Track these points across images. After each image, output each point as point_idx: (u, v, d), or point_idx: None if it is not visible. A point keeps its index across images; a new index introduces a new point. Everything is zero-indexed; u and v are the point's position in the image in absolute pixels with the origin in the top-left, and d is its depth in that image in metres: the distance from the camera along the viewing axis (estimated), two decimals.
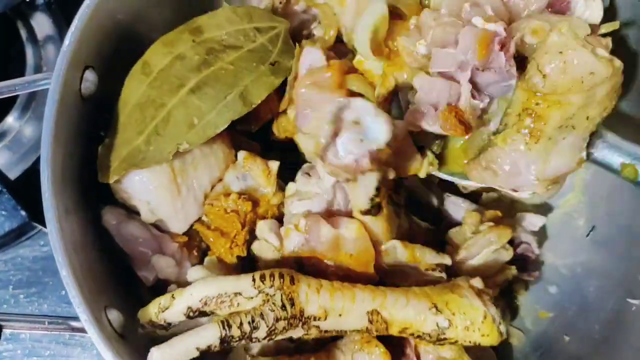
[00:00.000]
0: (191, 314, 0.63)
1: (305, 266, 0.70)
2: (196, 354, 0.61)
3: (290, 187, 0.74)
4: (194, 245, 0.78)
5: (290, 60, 0.75)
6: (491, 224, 0.77)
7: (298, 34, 0.85)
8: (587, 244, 0.85)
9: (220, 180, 0.77)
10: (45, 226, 0.88)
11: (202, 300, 0.62)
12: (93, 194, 0.74)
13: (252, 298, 0.62)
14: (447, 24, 0.66)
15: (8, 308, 0.95)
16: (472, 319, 0.65)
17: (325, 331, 0.65)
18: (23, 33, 1.07)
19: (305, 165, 0.75)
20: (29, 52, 1.07)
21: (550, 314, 0.85)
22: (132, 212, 0.75)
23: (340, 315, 0.64)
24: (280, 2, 0.83)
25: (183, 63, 0.71)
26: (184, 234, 0.77)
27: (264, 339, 0.63)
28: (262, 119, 0.81)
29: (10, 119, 1.04)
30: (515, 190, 0.70)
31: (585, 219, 0.87)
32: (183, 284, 0.73)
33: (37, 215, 0.90)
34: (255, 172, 0.76)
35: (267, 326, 0.62)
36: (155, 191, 0.72)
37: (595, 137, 0.66)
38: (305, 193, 0.71)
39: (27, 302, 0.96)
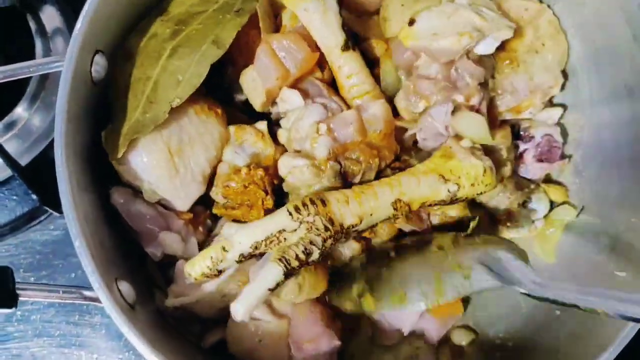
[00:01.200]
0: (242, 259, 0.69)
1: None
2: (268, 294, 0.67)
3: (282, 129, 0.80)
4: (200, 222, 0.80)
5: (253, 2, 0.78)
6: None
7: None
8: (578, 224, 0.88)
9: (220, 161, 0.80)
10: (55, 209, 0.92)
11: (252, 245, 0.68)
12: (102, 174, 0.77)
13: (295, 230, 0.69)
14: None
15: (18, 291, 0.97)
16: (475, 175, 0.76)
17: (362, 230, 0.75)
18: (32, 25, 1.09)
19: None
20: (38, 44, 1.09)
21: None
22: (138, 192, 0.77)
23: (371, 214, 0.73)
24: None
25: (156, 39, 0.75)
26: (189, 211, 0.79)
27: (319, 258, 0.70)
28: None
29: (20, 109, 1.05)
30: (519, 111, 0.86)
31: (578, 200, 0.90)
32: (189, 258, 0.76)
33: (47, 199, 0.92)
34: (251, 140, 0.79)
35: (319, 249, 0.69)
36: (153, 171, 0.75)
37: None
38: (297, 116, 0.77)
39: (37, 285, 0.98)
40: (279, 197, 0.79)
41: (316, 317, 0.76)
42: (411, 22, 0.80)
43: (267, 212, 0.76)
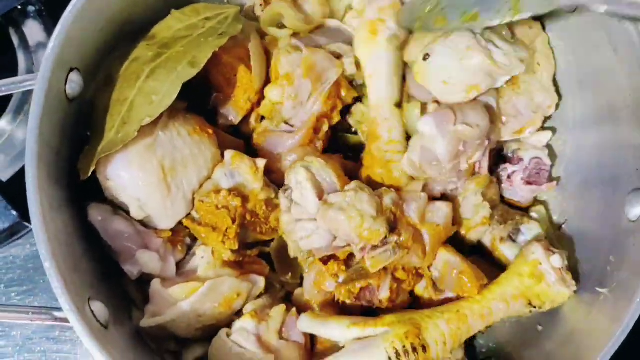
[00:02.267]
0: None
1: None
2: None
3: (286, 214, 0.79)
4: (179, 240, 0.80)
5: (238, 26, 0.79)
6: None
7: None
8: (561, 238, 0.87)
9: (209, 178, 0.79)
10: None
11: None
12: (80, 191, 0.76)
13: None
14: None
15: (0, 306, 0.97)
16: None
17: None
18: (15, 40, 1.08)
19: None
20: (21, 58, 1.08)
21: None
22: (117, 209, 0.77)
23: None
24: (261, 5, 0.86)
25: (137, 62, 0.75)
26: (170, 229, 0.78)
27: None
28: (242, 109, 0.84)
29: (3, 122, 1.04)
30: (521, 132, 0.87)
31: (558, 215, 0.89)
32: (166, 278, 0.76)
33: (28, 215, 0.91)
34: (243, 170, 0.78)
35: None
36: (145, 189, 0.74)
37: None
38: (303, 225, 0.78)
39: (18, 300, 0.97)
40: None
41: None
42: (425, 57, 0.81)
43: (226, 240, 0.76)
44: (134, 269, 0.76)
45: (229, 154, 0.79)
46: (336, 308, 0.81)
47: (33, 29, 1.10)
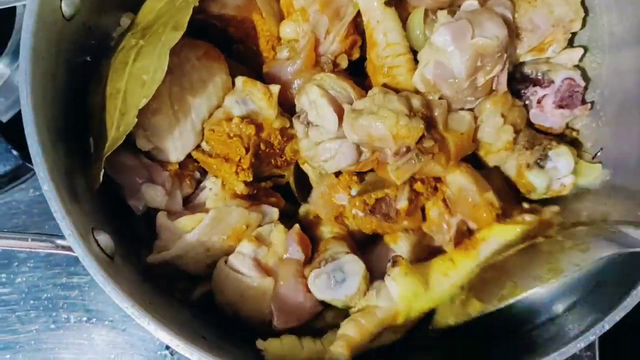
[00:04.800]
0: None
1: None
2: None
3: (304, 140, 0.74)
4: (187, 174, 0.76)
5: None
6: None
7: None
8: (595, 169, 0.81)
9: (219, 107, 0.74)
10: None
11: None
12: (81, 122, 0.71)
13: None
14: None
15: (4, 252, 0.93)
16: None
17: None
18: None
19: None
20: None
21: None
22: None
23: None
24: None
25: (124, 51, 0.70)
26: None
27: None
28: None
29: (1, 65, 1.00)
30: (542, 49, 0.81)
31: (592, 143, 0.83)
32: (172, 212, 0.73)
33: (29, 155, 0.86)
34: (256, 96, 0.73)
35: None
36: (151, 118, 0.70)
37: None
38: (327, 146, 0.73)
39: None
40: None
41: (302, 280, 0.71)
42: None
43: (240, 171, 0.72)
44: (139, 204, 0.73)
45: (240, 80, 0.74)
46: (344, 226, 0.78)
47: None
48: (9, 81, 1.00)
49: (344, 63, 0.80)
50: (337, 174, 0.76)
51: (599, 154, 0.81)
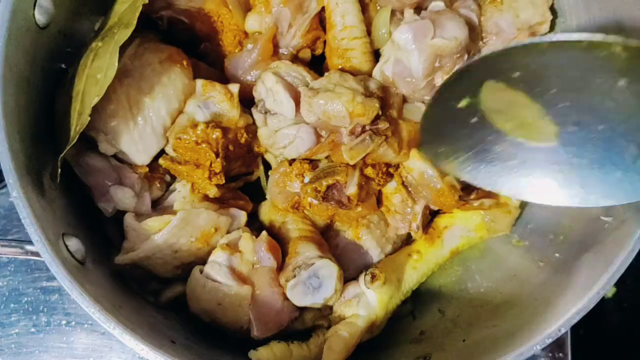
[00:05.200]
0: None
1: None
2: None
3: (264, 129, 0.74)
4: (157, 177, 0.77)
5: None
6: None
7: None
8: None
9: (181, 112, 0.75)
10: None
11: None
12: (52, 128, 0.72)
13: None
14: None
15: None
16: None
17: None
18: None
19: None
20: None
21: (525, 243, 0.82)
22: (92, 144, 0.73)
23: None
24: None
25: (86, 54, 0.71)
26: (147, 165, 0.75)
27: None
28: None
29: None
30: None
31: None
32: (140, 213, 0.74)
33: None
34: (217, 98, 0.74)
35: None
36: (109, 121, 0.71)
37: None
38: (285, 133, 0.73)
39: (2, 249, 0.94)
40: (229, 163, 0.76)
41: (277, 288, 0.72)
42: None
43: (213, 175, 0.72)
44: (108, 206, 0.74)
45: (199, 83, 0.75)
46: (301, 216, 0.79)
47: None
48: None
49: (306, 57, 0.81)
50: (291, 162, 0.77)
51: None
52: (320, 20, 0.80)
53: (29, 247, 0.62)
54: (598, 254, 0.67)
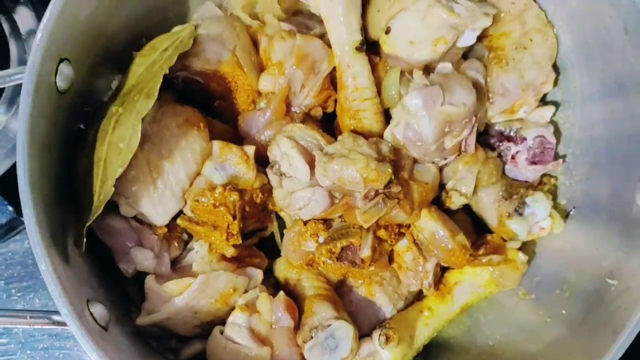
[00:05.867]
0: None
1: None
2: None
3: (279, 190, 0.76)
4: (175, 237, 0.80)
5: (189, 42, 0.77)
6: None
7: None
8: (568, 225, 0.85)
9: (199, 174, 0.77)
10: None
11: None
12: (71, 186, 0.75)
13: None
14: None
15: (0, 303, 0.96)
16: None
17: None
18: (6, 27, 1.07)
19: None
20: (13, 46, 1.07)
21: (532, 296, 0.85)
22: (112, 205, 0.75)
23: None
24: None
25: (107, 119, 0.73)
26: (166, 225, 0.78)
27: None
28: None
29: None
30: (514, 111, 0.85)
31: (566, 200, 0.87)
32: (160, 275, 0.76)
33: None
34: (234, 160, 0.77)
35: None
36: (130, 185, 0.73)
37: None
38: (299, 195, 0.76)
39: (19, 297, 0.98)
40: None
41: (295, 348, 0.75)
42: (387, 31, 0.79)
43: (230, 237, 0.75)
44: (128, 267, 0.76)
45: (216, 145, 0.78)
46: (316, 273, 0.82)
47: (24, 16, 1.09)
48: (4, 130, 1.03)
49: (318, 114, 0.84)
50: (305, 221, 0.79)
51: (571, 212, 0.85)
52: (332, 79, 0.83)
53: (56, 318, 0.64)
54: (605, 319, 0.70)
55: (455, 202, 0.83)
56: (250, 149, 0.77)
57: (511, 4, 0.83)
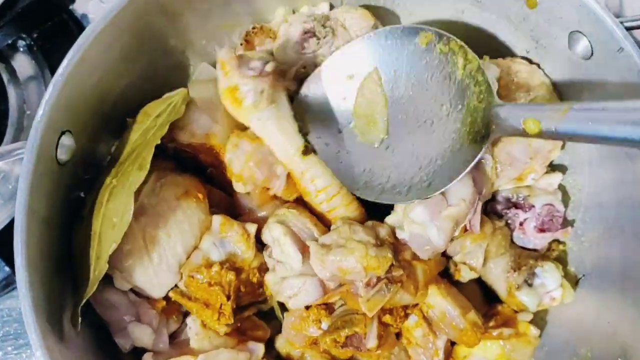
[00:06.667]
0: None
1: None
2: None
3: (271, 274, 0.75)
4: (174, 310, 0.79)
5: (181, 109, 0.76)
6: None
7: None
8: (579, 293, 0.84)
9: (196, 247, 0.76)
10: None
11: None
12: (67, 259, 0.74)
13: None
14: None
15: None
16: None
17: None
18: (4, 75, 1.07)
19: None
20: (11, 93, 1.07)
21: None
22: (109, 278, 0.75)
23: None
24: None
25: (101, 190, 0.73)
26: (163, 298, 0.77)
27: None
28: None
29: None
30: (522, 179, 0.84)
31: (575, 267, 0.86)
32: (158, 352, 0.75)
33: None
34: (234, 238, 0.76)
35: None
36: (125, 259, 0.73)
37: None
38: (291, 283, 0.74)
39: (15, 354, 0.96)
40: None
41: None
42: None
43: (221, 317, 0.74)
44: (125, 343, 0.76)
45: (217, 220, 0.77)
46: (320, 350, 0.80)
47: (23, 64, 1.10)
48: (5, 179, 1.03)
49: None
50: (308, 306, 0.78)
51: (581, 280, 0.84)
52: None
53: None
54: None
55: (464, 276, 0.82)
56: (252, 227, 0.76)
57: (515, 72, 0.83)
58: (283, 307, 0.82)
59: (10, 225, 0.99)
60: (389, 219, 0.79)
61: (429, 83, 0.78)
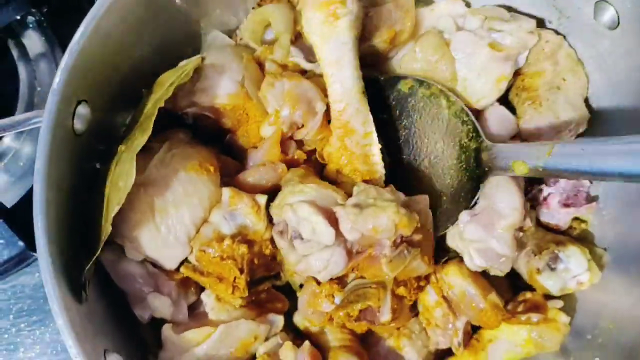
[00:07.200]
0: None
1: None
2: None
3: (294, 253, 0.74)
4: (192, 281, 0.78)
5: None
6: None
7: None
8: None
9: (206, 220, 0.76)
10: None
11: None
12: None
13: None
14: None
15: (9, 338, 0.96)
16: None
17: None
18: (14, 52, 1.06)
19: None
20: (22, 69, 1.07)
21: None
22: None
23: None
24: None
25: (114, 156, 0.72)
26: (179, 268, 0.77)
27: None
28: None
29: (7, 140, 1.04)
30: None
31: (596, 241, 0.86)
32: (177, 322, 0.75)
33: (34, 243, 0.88)
34: (244, 210, 0.75)
35: None
36: (132, 229, 0.72)
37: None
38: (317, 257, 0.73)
39: (28, 331, 0.96)
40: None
41: None
42: None
43: (235, 290, 0.73)
44: (144, 313, 0.76)
45: (226, 193, 0.75)
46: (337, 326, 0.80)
47: (33, 40, 1.09)
48: (14, 158, 1.02)
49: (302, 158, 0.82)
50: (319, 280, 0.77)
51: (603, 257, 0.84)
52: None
53: None
54: None
55: None
56: (262, 199, 0.75)
57: (545, 42, 0.82)
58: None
59: (22, 202, 0.99)
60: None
61: (419, 123, 0.82)
